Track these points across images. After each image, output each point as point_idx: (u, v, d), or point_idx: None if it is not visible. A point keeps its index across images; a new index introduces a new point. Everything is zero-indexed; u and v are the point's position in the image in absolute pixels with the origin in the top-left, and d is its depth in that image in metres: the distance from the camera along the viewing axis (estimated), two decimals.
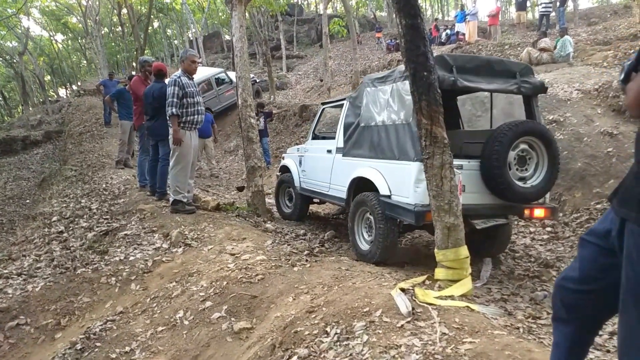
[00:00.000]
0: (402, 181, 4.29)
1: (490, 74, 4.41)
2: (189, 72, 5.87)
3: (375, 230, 4.53)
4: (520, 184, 4.25)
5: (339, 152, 5.50)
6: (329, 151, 5.77)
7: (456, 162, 3.96)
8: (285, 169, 7.18)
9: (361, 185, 4.94)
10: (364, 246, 4.82)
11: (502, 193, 4.20)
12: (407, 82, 4.19)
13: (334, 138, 5.78)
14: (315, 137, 6.62)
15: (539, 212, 4.47)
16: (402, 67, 4.49)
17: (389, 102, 4.62)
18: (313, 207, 7.75)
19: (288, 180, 6.98)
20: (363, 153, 4.98)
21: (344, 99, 5.70)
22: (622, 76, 1.45)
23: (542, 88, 4.65)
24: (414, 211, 4.02)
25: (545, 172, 4.34)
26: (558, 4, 16.67)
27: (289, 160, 7.07)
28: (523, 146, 4.28)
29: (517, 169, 4.29)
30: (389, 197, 4.42)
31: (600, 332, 2.91)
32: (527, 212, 4.41)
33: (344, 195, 5.26)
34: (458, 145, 4.70)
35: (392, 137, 4.49)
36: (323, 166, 5.89)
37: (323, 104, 6.80)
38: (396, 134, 4.43)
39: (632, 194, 1.41)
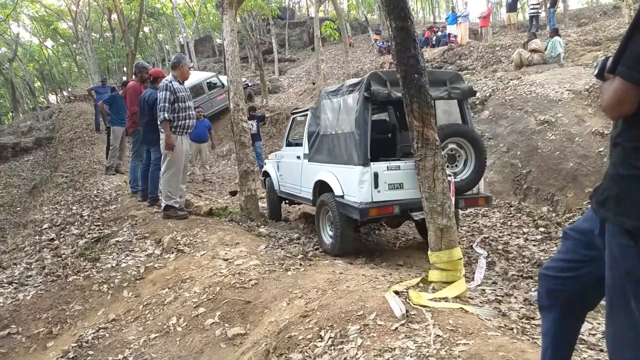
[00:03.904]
0: (350, 183, 4.86)
1: None
2: (182, 78, 5.86)
3: (334, 226, 5.04)
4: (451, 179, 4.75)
5: (306, 158, 6.02)
6: (298, 157, 6.26)
7: (394, 162, 4.71)
8: (266, 174, 7.64)
9: (323, 187, 5.41)
10: (328, 240, 5.29)
11: None
12: (351, 96, 4.93)
13: (301, 145, 6.25)
14: (288, 144, 7.14)
15: (473, 202, 5.19)
16: (349, 81, 5.21)
17: (340, 113, 5.20)
18: (308, 209, 7.73)
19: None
20: (323, 158, 5.53)
21: (308, 110, 6.23)
22: (596, 71, 1.50)
23: (470, 92, 5.17)
24: (358, 208, 4.55)
25: (474, 167, 4.95)
26: (548, 5, 16.80)
27: (269, 165, 7.59)
28: (452, 146, 4.89)
29: (447, 166, 4.78)
30: (342, 197, 4.97)
31: (594, 332, 2.92)
32: (462, 202, 5.01)
33: (311, 196, 5.77)
34: (397, 148, 5.77)
35: (342, 144, 5.04)
36: (294, 170, 6.41)
37: (293, 113, 7.36)
38: (345, 141, 4.97)
39: (608, 195, 1.46)
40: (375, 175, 4.61)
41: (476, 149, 4.92)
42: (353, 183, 4.76)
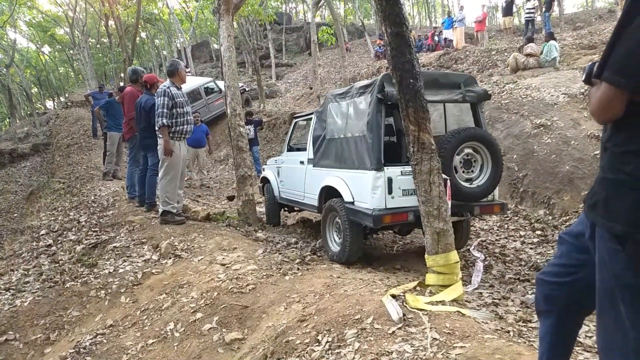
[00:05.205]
0: (361, 188, 4.66)
1: (436, 86, 4.75)
2: (181, 83, 5.88)
3: (343, 233, 4.84)
4: (466, 185, 4.65)
5: (310, 163, 5.85)
6: (302, 162, 6.10)
7: (409, 167, 4.31)
8: (265, 180, 7.48)
9: (330, 192, 5.25)
10: (335, 247, 5.11)
11: (451, 194, 4.39)
12: (362, 98, 4.75)
13: (305, 150, 6.11)
14: (290, 149, 6.98)
15: (488, 209, 4.95)
16: (359, 83, 5.00)
17: (349, 116, 5.04)
18: (307, 214, 7.74)
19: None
20: (330, 163, 5.36)
21: (312, 113, 6.08)
22: (584, 76, 1.52)
23: (485, 96, 5.02)
24: (372, 215, 4.35)
25: (490, 173, 4.75)
26: (544, 9, 16.90)
27: (268, 171, 7.40)
28: (468, 150, 4.67)
29: (463, 172, 4.68)
30: (352, 203, 4.77)
31: (590, 334, 2.93)
32: (477, 209, 4.82)
33: (316, 202, 5.60)
34: (403, 154, 5.33)
35: (352, 149, 4.87)
36: (297, 176, 6.21)
37: (294, 117, 7.13)
38: (355, 145, 4.80)
39: (597, 199, 1.47)
40: (389, 181, 4.42)
41: (493, 154, 4.73)
42: (365, 189, 4.56)
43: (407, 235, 6.24)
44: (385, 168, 4.45)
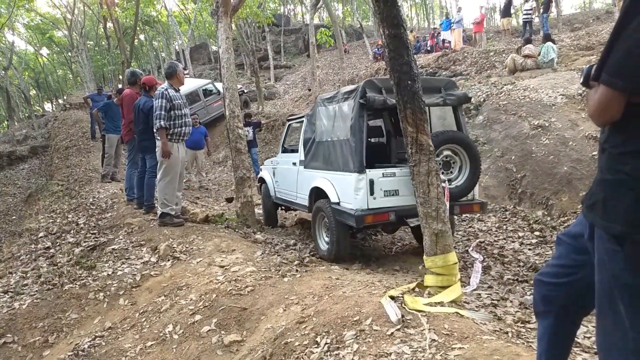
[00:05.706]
0: (345, 190, 4.88)
1: None
2: (179, 85, 5.88)
3: (330, 232, 5.07)
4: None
5: (301, 165, 6.06)
6: (294, 163, 6.27)
7: (390, 169, 4.69)
8: (262, 180, 7.66)
9: (319, 193, 5.44)
10: (324, 246, 5.30)
11: None
12: (346, 103, 4.94)
13: (297, 151, 6.27)
14: (284, 151, 7.17)
15: (468, 208, 5.17)
16: (344, 88, 5.19)
17: (335, 120, 5.24)
18: (304, 215, 7.74)
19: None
20: (319, 165, 5.57)
21: (303, 116, 6.27)
22: (582, 79, 1.51)
23: (465, 99, 5.19)
24: (354, 215, 4.57)
25: (468, 174, 4.94)
26: (541, 10, 16.94)
27: (265, 172, 7.60)
28: (446, 152, 4.87)
29: (442, 173, 4.83)
30: (338, 203, 4.98)
31: (589, 335, 2.94)
32: (457, 208, 5.00)
33: (306, 202, 5.80)
34: (392, 154, 5.89)
35: (338, 151, 5.07)
36: (290, 177, 6.44)
37: (288, 120, 7.35)
38: (341, 148, 5.00)
39: (596, 200, 1.47)
40: (371, 182, 4.62)
41: (471, 156, 4.93)
42: (349, 190, 4.77)
43: (393, 233, 6.42)
44: (367, 170, 4.63)
